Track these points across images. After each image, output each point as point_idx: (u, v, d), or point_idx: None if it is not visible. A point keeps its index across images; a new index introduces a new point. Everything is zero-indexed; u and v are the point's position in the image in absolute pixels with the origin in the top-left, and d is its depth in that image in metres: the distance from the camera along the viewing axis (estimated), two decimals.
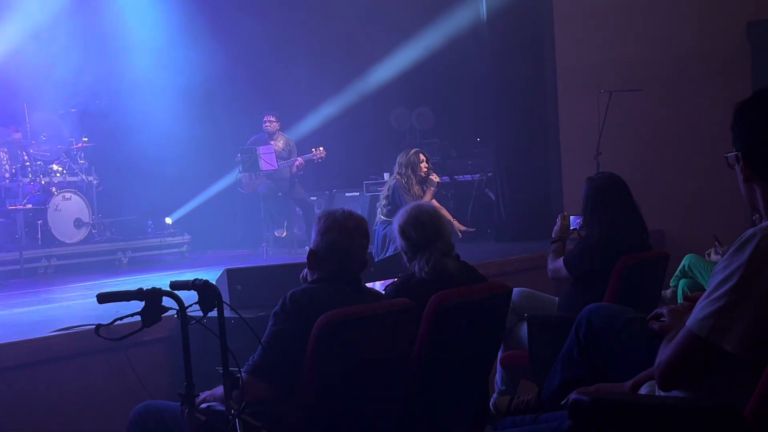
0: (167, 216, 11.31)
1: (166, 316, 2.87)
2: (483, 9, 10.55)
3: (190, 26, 11.55)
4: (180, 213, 11.51)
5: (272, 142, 10.21)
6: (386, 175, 10.57)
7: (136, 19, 11.42)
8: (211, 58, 11.62)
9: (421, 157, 8.49)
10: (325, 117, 11.98)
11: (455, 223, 8.53)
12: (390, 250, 7.73)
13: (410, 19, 11.32)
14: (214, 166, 11.57)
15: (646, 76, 9.77)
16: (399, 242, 4.02)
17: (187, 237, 10.89)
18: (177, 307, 2.81)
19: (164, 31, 11.46)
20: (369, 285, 4.19)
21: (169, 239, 10.80)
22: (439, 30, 11.38)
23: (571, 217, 5.41)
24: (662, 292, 6.30)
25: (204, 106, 11.70)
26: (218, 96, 11.81)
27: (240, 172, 10.11)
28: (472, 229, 9.37)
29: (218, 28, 11.75)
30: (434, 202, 8.35)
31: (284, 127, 10.69)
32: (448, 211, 8.69)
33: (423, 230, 3.90)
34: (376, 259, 6.59)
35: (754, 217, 5.86)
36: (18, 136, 10.04)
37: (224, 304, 2.87)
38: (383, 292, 3.91)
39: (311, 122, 11.90)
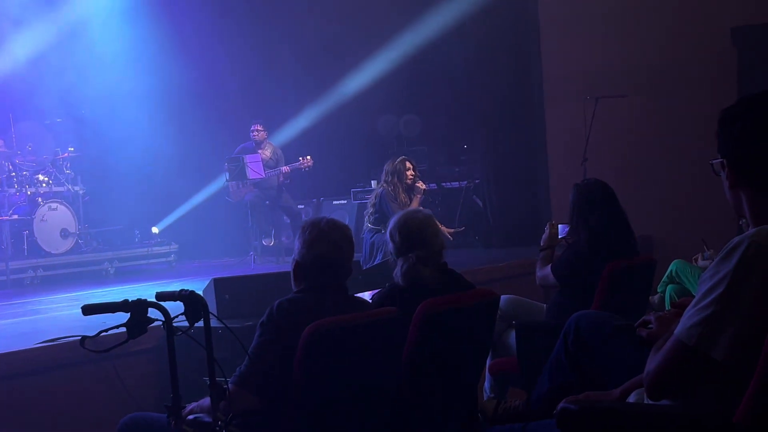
0: (154, 225, 11.27)
1: (152, 327, 2.84)
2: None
3: (174, 36, 11.54)
4: (166, 222, 11.47)
5: (260, 151, 10.19)
6: (374, 183, 10.57)
7: (121, 30, 11.38)
8: (195, 66, 11.62)
9: (408, 165, 8.49)
10: (311, 125, 11.97)
11: (442, 228, 8.51)
12: (378, 258, 7.72)
13: (396, 26, 11.31)
14: (200, 174, 11.56)
15: (632, 82, 9.80)
16: (389, 245, 4.04)
17: (174, 246, 10.86)
18: (163, 318, 2.79)
19: (149, 41, 11.43)
20: (358, 295, 4.19)
21: (156, 249, 10.76)
22: (425, 37, 11.39)
23: (559, 225, 5.41)
24: (650, 297, 6.31)
25: (189, 114, 11.69)
26: (203, 104, 11.79)
27: (227, 180, 10.09)
28: (461, 228, 9.30)
29: (203, 38, 11.73)
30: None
31: (271, 136, 10.67)
32: (435, 217, 8.67)
33: (408, 236, 3.91)
34: (364, 268, 6.57)
35: (741, 222, 5.88)
36: (1, 145, 10.00)
37: (210, 314, 2.85)
38: (370, 301, 3.91)
39: (298, 131, 11.89)
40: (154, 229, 11.25)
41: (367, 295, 4.17)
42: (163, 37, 11.48)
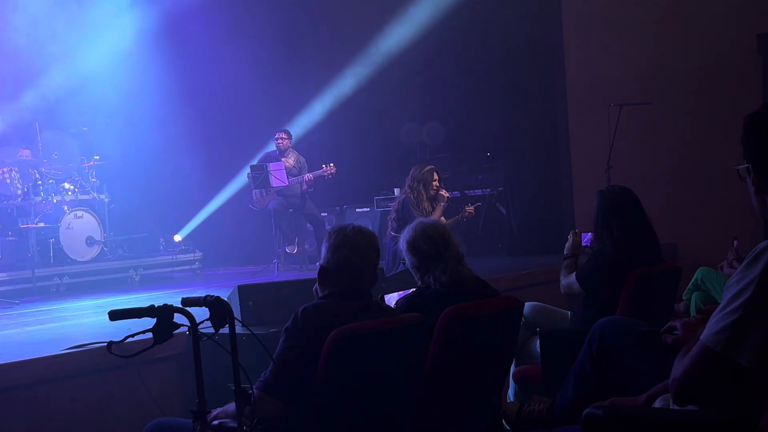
0: (177, 233, 11.34)
1: (178, 333, 2.86)
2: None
3: (195, 45, 11.63)
4: (188, 229, 11.52)
5: (283, 159, 10.22)
6: (396, 191, 10.58)
7: (144, 41, 11.45)
8: (216, 74, 11.70)
9: (435, 175, 8.47)
10: (334, 132, 12.00)
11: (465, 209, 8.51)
12: (401, 266, 7.71)
13: (419, 34, 11.32)
14: (220, 180, 11.64)
15: (656, 89, 9.77)
16: (409, 260, 4.01)
17: (199, 254, 10.91)
18: (189, 324, 2.81)
19: (170, 51, 11.52)
20: (387, 296, 4.20)
21: (180, 256, 10.82)
22: (447, 45, 11.40)
23: (582, 234, 5.40)
24: (675, 305, 6.27)
25: (210, 120, 11.79)
26: (224, 111, 11.89)
27: (251, 181, 10.12)
28: (472, 209, 8.93)
29: (224, 45, 11.78)
30: (442, 218, 8.33)
31: (293, 143, 10.68)
32: (458, 226, 8.61)
33: (433, 242, 3.91)
34: (387, 275, 6.57)
35: None
36: (27, 153, 10.08)
37: (236, 320, 2.87)
38: (396, 305, 3.91)
39: (320, 138, 11.92)
40: (177, 237, 11.31)
41: (395, 297, 4.18)
42: (184, 46, 11.58)
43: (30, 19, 10.45)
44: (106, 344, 2.90)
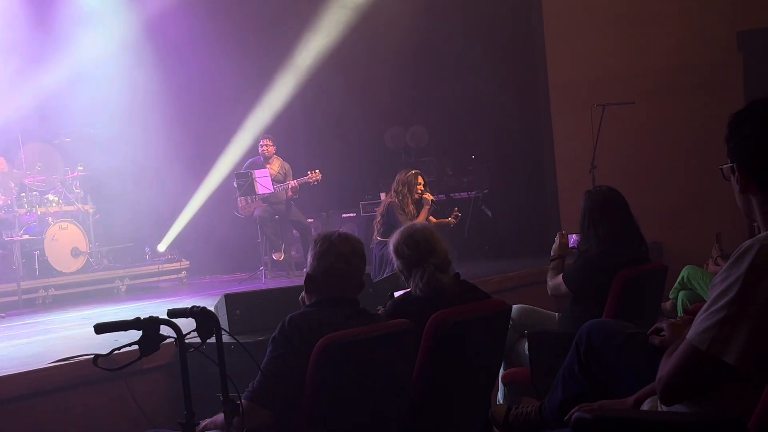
0: (160, 243, 11.30)
1: (165, 344, 2.85)
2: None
3: (178, 49, 11.60)
4: (170, 238, 11.47)
5: (268, 166, 10.20)
6: (382, 195, 10.57)
7: (122, 47, 11.41)
8: (199, 81, 11.67)
9: (420, 180, 8.47)
10: (319, 138, 11.98)
11: (442, 221, 8.47)
12: (387, 271, 7.70)
13: (402, 38, 11.32)
14: (200, 187, 11.63)
15: (638, 89, 9.81)
16: (395, 263, 4.02)
17: (185, 263, 10.86)
18: (175, 335, 2.80)
19: (150, 56, 11.48)
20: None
21: (167, 266, 10.77)
22: (430, 48, 11.41)
23: (569, 235, 5.40)
24: (662, 304, 6.29)
25: (193, 126, 11.75)
26: (209, 119, 11.84)
27: (238, 195, 10.10)
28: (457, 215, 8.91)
29: (206, 47, 11.75)
30: (431, 218, 8.35)
31: (278, 151, 10.66)
32: (443, 227, 8.60)
33: (416, 247, 3.90)
34: (374, 280, 6.56)
35: (753, 224, 5.86)
36: (2, 162, 9.99)
37: (222, 330, 2.85)
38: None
39: (305, 144, 11.90)
40: (161, 247, 11.27)
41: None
42: (164, 54, 11.55)
43: (8, 28, 10.42)
44: (92, 357, 2.88)
